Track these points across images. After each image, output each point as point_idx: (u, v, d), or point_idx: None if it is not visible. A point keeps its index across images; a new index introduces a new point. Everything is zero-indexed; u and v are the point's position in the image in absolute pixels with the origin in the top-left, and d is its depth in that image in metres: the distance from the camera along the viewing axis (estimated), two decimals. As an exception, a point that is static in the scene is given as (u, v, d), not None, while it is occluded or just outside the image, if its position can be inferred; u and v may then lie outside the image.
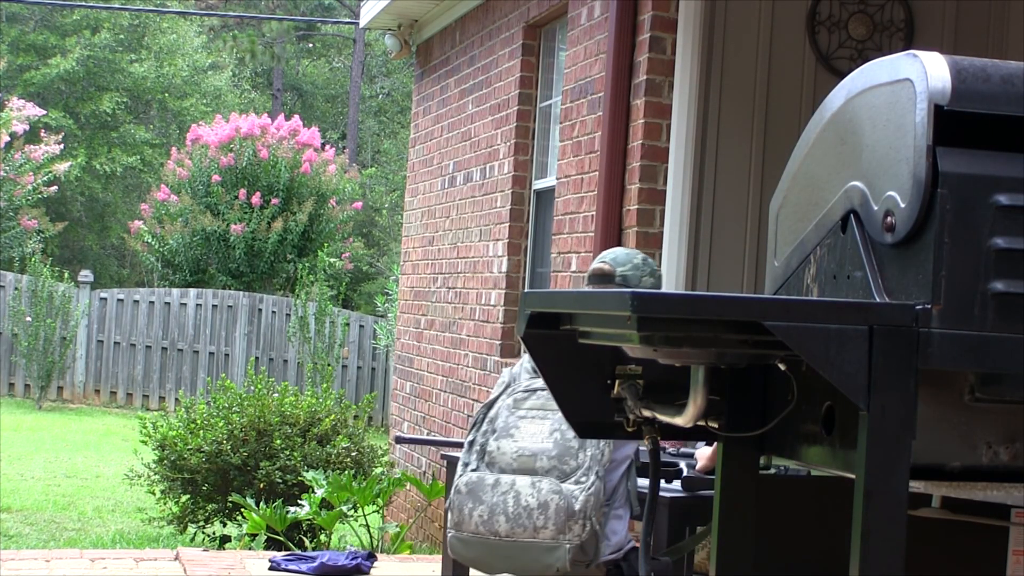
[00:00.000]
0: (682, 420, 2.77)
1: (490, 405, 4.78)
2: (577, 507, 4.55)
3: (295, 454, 8.58)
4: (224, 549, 8.31)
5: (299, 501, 8.20)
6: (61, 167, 20.78)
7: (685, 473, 4.75)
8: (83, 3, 27.08)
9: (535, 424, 4.69)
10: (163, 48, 29.65)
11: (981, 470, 2.59)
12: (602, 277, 4.73)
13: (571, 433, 4.52)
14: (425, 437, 5.26)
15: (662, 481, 4.72)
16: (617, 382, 2.93)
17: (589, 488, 4.57)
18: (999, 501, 2.73)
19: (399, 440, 5.56)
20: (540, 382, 4.65)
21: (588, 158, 7.16)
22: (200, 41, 31.74)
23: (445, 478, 5.36)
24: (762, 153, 6.69)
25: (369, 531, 8.40)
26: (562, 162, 7.60)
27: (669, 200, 6.50)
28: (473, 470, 4.67)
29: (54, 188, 21.20)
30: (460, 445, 5.06)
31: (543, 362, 3.01)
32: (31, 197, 20.53)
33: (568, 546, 4.55)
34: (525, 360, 4.80)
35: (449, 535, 4.71)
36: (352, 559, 6.77)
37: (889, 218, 2.54)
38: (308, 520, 8.28)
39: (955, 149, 2.47)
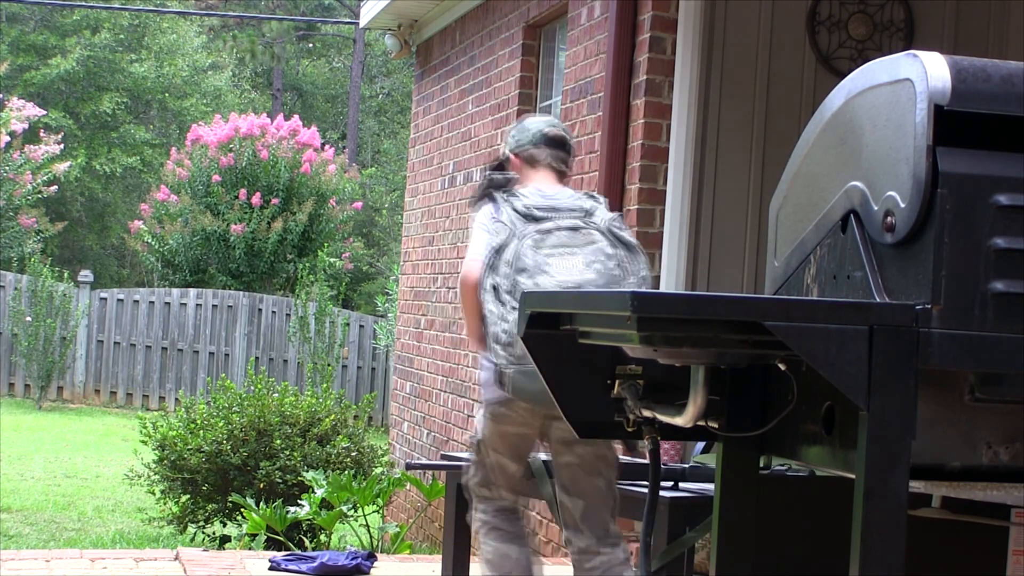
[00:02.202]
0: (682, 420, 2.77)
1: (499, 249, 4.52)
2: None
3: (295, 454, 8.58)
4: (224, 549, 8.31)
5: (299, 501, 8.20)
6: (61, 167, 20.78)
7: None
8: (83, 3, 27.08)
9: (566, 259, 4.49)
10: (163, 48, 29.65)
11: (981, 470, 2.59)
12: (560, 142, 4.81)
13: (612, 262, 4.47)
14: (437, 462, 5.20)
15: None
16: (617, 382, 2.93)
17: None
18: (999, 501, 2.73)
19: (410, 467, 5.53)
20: (551, 222, 4.53)
21: (588, 158, 7.16)
22: (200, 41, 31.73)
23: (445, 479, 5.35)
24: (762, 153, 6.69)
25: (369, 531, 8.40)
26: (562, 162, 7.59)
27: (669, 200, 6.50)
28: (514, 308, 4.42)
29: (54, 188, 21.19)
30: None
31: (543, 362, 3.01)
32: (31, 197, 20.52)
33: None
34: (504, 208, 4.60)
35: (511, 370, 4.40)
36: (352, 559, 6.76)
37: (889, 218, 2.54)
38: (308, 520, 8.28)
39: (955, 149, 2.47)
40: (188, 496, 8.85)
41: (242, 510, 8.31)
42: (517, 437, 4.73)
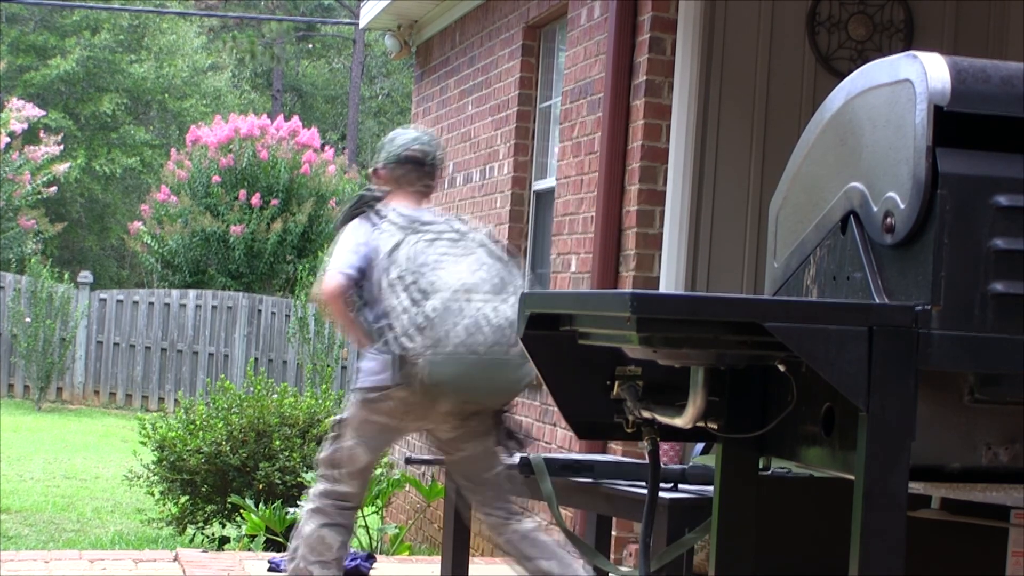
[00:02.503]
0: (682, 421, 2.77)
1: (395, 247, 4.74)
2: None
3: (294, 455, 8.58)
4: (223, 550, 8.30)
5: (298, 502, 8.19)
6: (60, 168, 20.78)
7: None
8: (83, 3, 27.08)
9: (457, 262, 4.74)
10: (163, 49, 29.66)
11: (980, 471, 2.59)
12: (422, 162, 5.00)
13: (493, 271, 4.75)
14: (437, 456, 5.22)
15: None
16: (617, 383, 2.92)
17: None
18: (999, 502, 2.73)
19: (409, 461, 5.53)
20: (431, 232, 4.79)
21: (588, 159, 7.16)
22: (200, 42, 31.75)
23: (444, 479, 5.35)
24: (762, 153, 6.69)
25: (368, 532, 8.40)
26: (562, 163, 7.60)
27: (669, 201, 6.49)
28: (421, 294, 4.66)
29: (53, 189, 21.19)
30: None
31: (542, 363, 3.01)
32: (30, 198, 20.52)
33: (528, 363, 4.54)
34: (387, 216, 4.83)
35: (422, 359, 4.60)
36: (351, 560, 6.76)
37: (889, 219, 2.53)
38: (307, 521, 8.27)
39: (955, 150, 2.47)
40: (187, 497, 8.85)
41: (241, 511, 8.31)
42: (380, 428, 4.88)
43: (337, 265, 4.86)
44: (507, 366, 4.66)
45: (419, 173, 5.02)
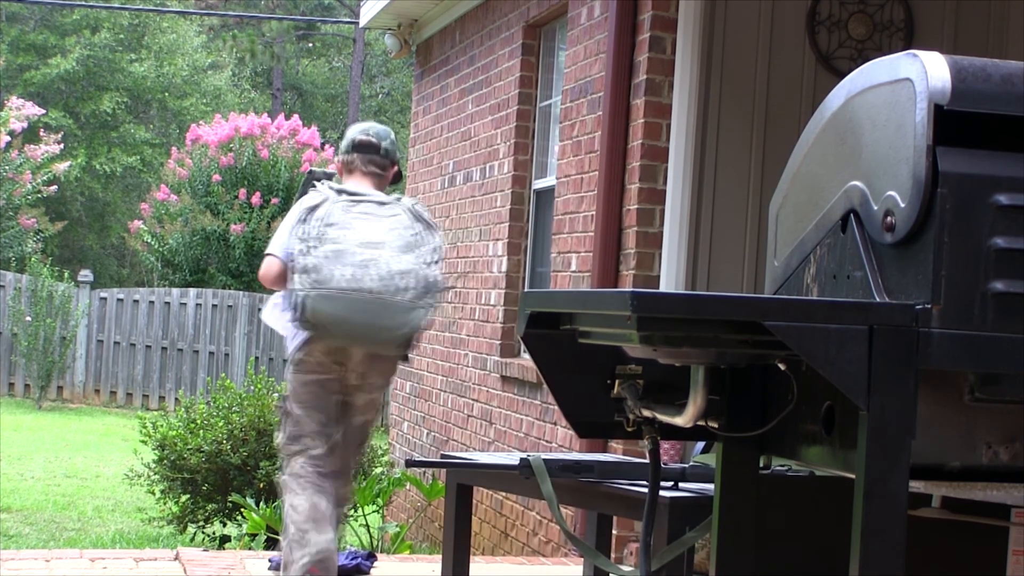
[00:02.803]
0: (682, 420, 2.77)
1: (314, 208, 5.10)
2: (431, 281, 5.03)
3: (295, 454, 8.58)
4: (224, 549, 8.30)
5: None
6: (61, 167, 20.77)
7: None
8: (83, 3, 27.08)
9: (371, 222, 5.09)
10: (163, 48, 29.66)
11: (981, 470, 2.59)
12: (369, 147, 5.39)
13: (409, 232, 5.10)
14: (437, 459, 5.27)
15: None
16: (617, 382, 2.92)
17: (440, 270, 5.09)
18: (999, 501, 2.73)
19: (409, 464, 5.54)
20: (363, 197, 5.18)
21: (588, 158, 7.16)
22: (200, 41, 31.74)
23: (445, 478, 5.35)
24: (762, 153, 6.69)
25: (369, 531, 8.40)
26: (562, 162, 7.60)
27: (669, 200, 6.49)
28: (315, 246, 5.04)
29: (54, 188, 21.19)
30: (477, 466, 5.04)
31: (543, 362, 3.01)
32: (31, 197, 20.52)
33: (423, 311, 5.01)
34: (323, 186, 5.22)
35: (303, 294, 4.97)
36: (352, 559, 6.76)
37: (889, 218, 2.54)
38: (308, 520, 8.27)
39: (955, 149, 2.47)
40: (188, 496, 8.85)
41: (242, 510, 8.31)
42: (317, 385, 5.22)
43: (272, 248, 5.32)
44: (391, 308, 4.97)
45: (366, 158, 5.39)
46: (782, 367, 2.67)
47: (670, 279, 6.44)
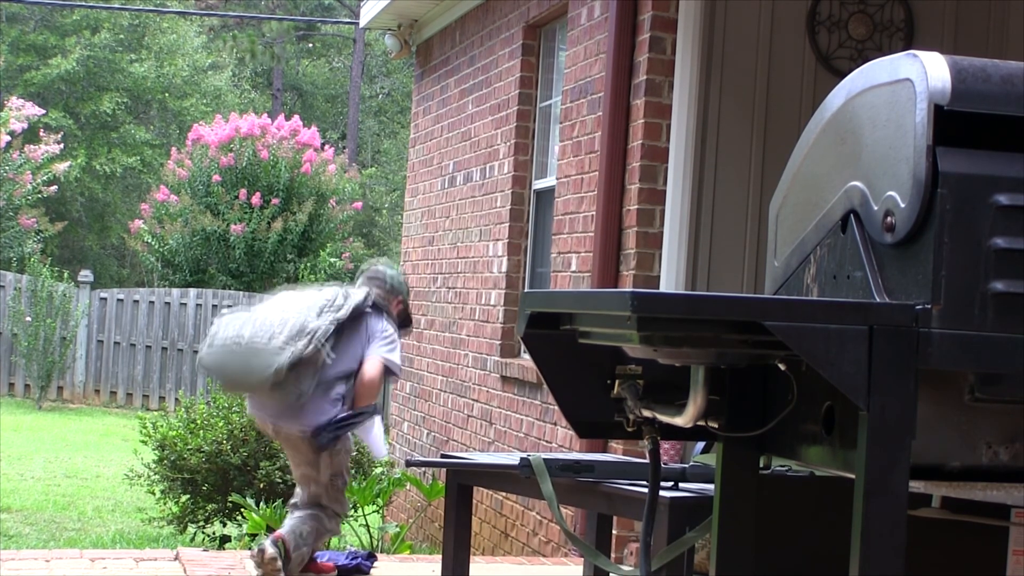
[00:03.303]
0: (682, 420, 2.77)
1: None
2: (310, 326, 5.51)
3: (295, 454, 8.58)
4: (224, 549, 8.30)
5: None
6: (61, 167, 20.77)
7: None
8: (83, 3, 27.08)
9: (291, 299, 5.79)
10: (163, 48, 29.65)
11: (981, 470, 2.59)
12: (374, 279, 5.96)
13: (322, 304, 5.64)
14: (437, 459, 5.28)
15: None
16: (617, 382, 2.92)
17: (321, 322, 5.56)
18: (999, 501, 2.73)
19: (409, 464, 5.54)
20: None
21: (588, 158, 7.16)
22: (200, 41, 31.74)
23: (445, 478, 5.35)
24: (762, 153, 6.69)
25: (369, 531, 8.40)
26: (562, 162, 7.60)
27: (669, 200, 6.49)
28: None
29: (54, 188, 21.19)
30: (477, 466, 5.04)
31: (543, 362, 3.01)
32: (31, 197, 20.51)
33: (291, 351, 5.45)
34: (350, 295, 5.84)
35: (200, 354, 5.75)
36: (352, 559, 6.76)
37: (889, 218, 2.54)
38: (308, 520, 8.26)
39: (955, 149, 2.47)
40: (188, 496, 8.85)
41: (242, 510, 8.31)
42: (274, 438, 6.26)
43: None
44: (261, 353, 5.49)
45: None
46: (782, 367, 2.67)
47: (670, 279, 6.44)
